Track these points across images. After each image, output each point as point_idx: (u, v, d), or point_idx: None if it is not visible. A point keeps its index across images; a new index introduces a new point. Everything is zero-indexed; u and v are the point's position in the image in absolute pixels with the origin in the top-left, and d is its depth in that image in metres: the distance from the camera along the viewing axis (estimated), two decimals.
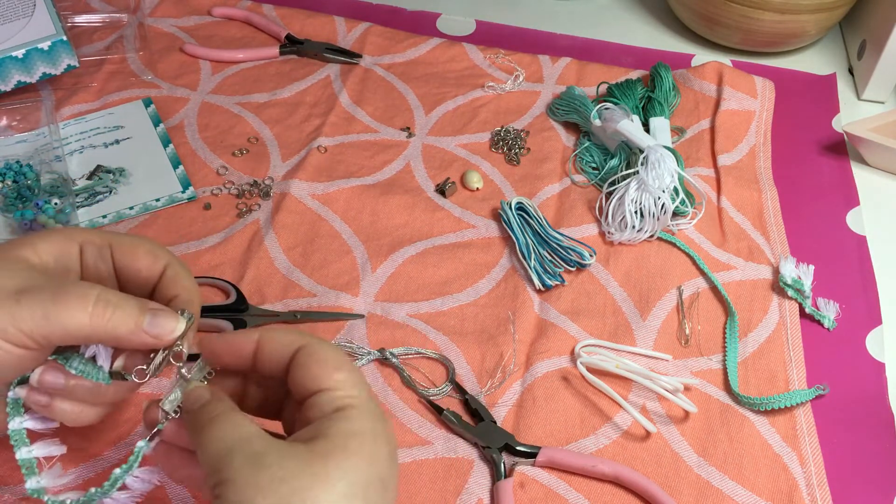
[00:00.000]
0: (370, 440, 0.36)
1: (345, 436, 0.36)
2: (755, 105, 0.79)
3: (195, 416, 0.38)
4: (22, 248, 0.41)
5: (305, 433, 0.37)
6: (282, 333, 0.40)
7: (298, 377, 0.38)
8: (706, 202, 0.70)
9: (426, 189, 0.71)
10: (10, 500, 0.50)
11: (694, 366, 0.60)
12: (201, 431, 0.37)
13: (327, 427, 0.36)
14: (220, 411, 0.38)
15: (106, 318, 0.38)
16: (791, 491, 0.53)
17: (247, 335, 0.40)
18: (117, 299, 0.39)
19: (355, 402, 0.37)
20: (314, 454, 0.35)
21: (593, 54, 0.87)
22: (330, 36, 0.86)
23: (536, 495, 0.52)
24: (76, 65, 0.75)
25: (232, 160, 0.73)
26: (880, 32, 0.80)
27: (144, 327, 0.39)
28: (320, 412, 0.37)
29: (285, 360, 0.39)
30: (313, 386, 0.38)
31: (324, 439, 0.36)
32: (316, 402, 0.37)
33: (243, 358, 0.40)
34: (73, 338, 0.39)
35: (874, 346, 0.62)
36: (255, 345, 0.40)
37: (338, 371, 0.38)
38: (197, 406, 0.39)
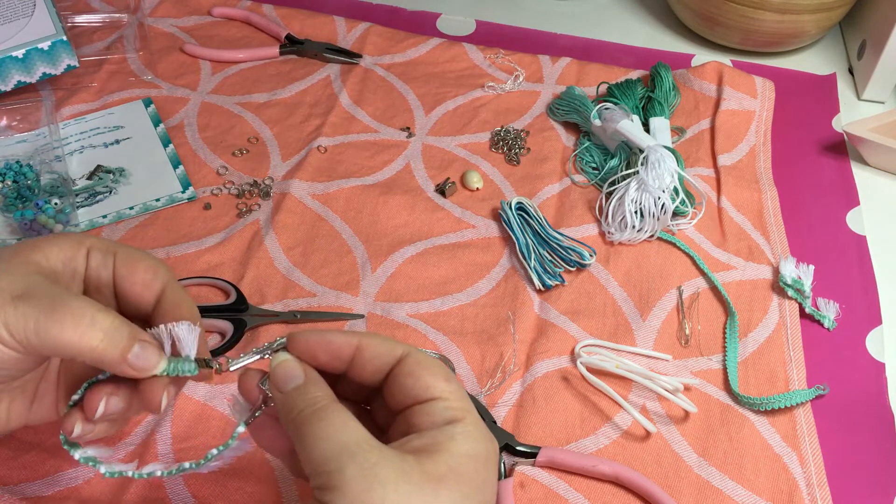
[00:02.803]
0: (483, 465, 0.36)
1: (461, 457, 0.35)
2: (755, 105, 0.79)
3: (292, 402, 0.37)
4: (31, 251, 0.40)
5: (415, 441, 0.36)
6: (382, 340, 0.39)
7: (406, 385, 0.37)
8: (706, 202, 0.70)
9: (426, 189, 0.71)
10: (11, 500, 0.50)
11: (694, 366, 0.60)
12: (303, 425, 0.35)
13: (442, 441, 0.35)
14: (323, 403, 0.36)
15: (94, 344, 0.37)
16: (791, 491, 0.53)
17: (346, 337, 0.39)
18: (109, 325, 0.38)
19: (467, 415, 0.37)
20: (428, 477, 0.34)
21: (593, 54, 0.87)
22: (330, 36, 0.86)
23: (536, 495, 0.52)
24: (76, 65, 0.75)
25: (232, 160, 0.73)
26: (880, 32, 0.80)
27: (129, 359, 0.38)
28: (431, 421, 0.36)
29: (387, 367, 0.38)
30: (424, 394, 0.37)
31: (438, 457, 0.35)
32: (426, 410, 0.37)
33: (340, 360, 0.39)
34: (60, 354, 0.38)
35: (874, 346, 0.62)
36: (355, 349, 0.39)
37: (448, 382, 0.37)
38: (290, 387, 0.37)
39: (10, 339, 0.37)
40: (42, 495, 0.51)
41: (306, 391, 0.37)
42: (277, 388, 0.38)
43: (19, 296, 0.37)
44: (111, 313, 0.38)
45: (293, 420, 0.36)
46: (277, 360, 0.38)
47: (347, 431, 0.35)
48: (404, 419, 0.38)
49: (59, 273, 0.41)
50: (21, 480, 0.51)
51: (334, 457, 0.34)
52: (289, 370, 0.38)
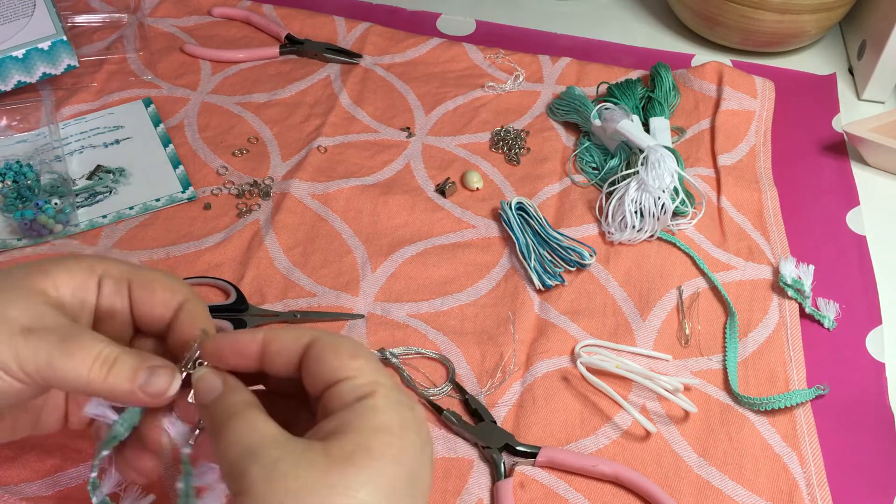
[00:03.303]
0: (398, 435, 0.34)
1: (370, 432, 0.34)
2: (755, 105, 0.79)
3: (211, 412, 0.36)
4: (41, 279, 0.39)
5: (325, 426, 0.35)
6: (288, 331, 0.38)
7: (315, 371, 0.37)
8: (706, 202, 0.70)
9: (426, 189, 0.71)
10: (10, 500, 0.50)
11: (694, 366, 0.60)
12: (219, 433, 0.35)
13: (350, 419, 0.34)
14: (236, 409, 0.36)
15: (103, 378, 0.37)
16: (791, 491, 0.53)
17: (251, 334, 0.38)
18: (116, 357, 0.37)
19: (379, 388, 0.35)
20: (332, 460, 0.33)
21: (593, 54, 0.87)
22: (330, 36, 0.86)
23: (536, 495, 0.52)
24: (76, 65, 0.75)
25: (232, 160, 0.73)
26: (880, 32, 0.80)
27: (139, 387, 0.37)
28: (341, 402, 0.35)
29: (296, 356, 0.38)
30: (332, 377, 0.36)
31: (345, 437, 0.33)
32: (336, 392, 0.35)
33: (249, 358, 0.38)
34: (71, 387, 0.37)
35: (874, 346, 0.62)
36: (261, 344, 0.38)
37: (355, 359, 0.36)
38: (210, 399, 0.37)
39: (20, 372, 0.37)
40: (42, 495, 0.51)
41: (223, 400, 0.37)
42: (201, 403, 0.37)
43: (29, 329, 0.37)
44: (116, 346, 0.38)
45: (213, 430, 0.36)
46: (196, 374, 0.38)
47: (253, 433, 0.34)
48: (321, 406, 0.36)
49: (67, 303, 0.40)
50: (21, 480, 0.51)
51: (239, 460, 0.33)
52: (207, 382, 0.38)
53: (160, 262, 0.64)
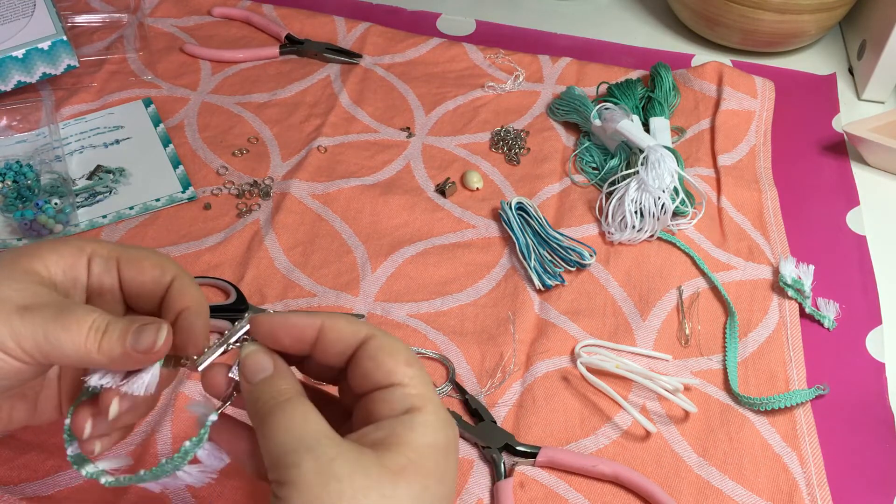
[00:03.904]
0: (443, 456, 0.35)
1: (421, 449, 0.34)
2: (755, 105, 0.79)
3: (258, 394, 0.36)
4: (31, 260, 0.40)
5: (374, 433, 0.35)
6: (347, 321, 0.38)
7: (367, 369, 0.36)
8: (706, 202, 0.70)
9: (426, 189, 0.71)
10: (10, 500, 0.50)
11: (694, 366, 0.60)
12: (266, 417, 0.35)
13: (401, 433, 0.34)
14: (287, 396, 0.35)
15: (97, 345, 0.37)
16: (791, 491, 0.53)
17: (309, 318, 0.38)
18: (107, 324, 0.38)
19: (428, 404, 0.35)
20: (385, 471, 0.33)
21: (593, 54, 0.87)
22: (330, 36, 0.86)
23: (536, 495, 0.52)
24: (76, 65, 0.75)
25: (232, 160, 0.73)
26: (880, 32, 0.80)
27: (129, 347, 0.38)
28: (390, 410, 0.35)
29: (350, 349, 0.37)
30: (384, 380, 0.36)
31: (397, 449, 0.34)
32: (386, 397, 0.36)
33: (303, 342, 0.38)
34: (70, 360, 0.38)
35: (874, 346, 0.62)
36: (318, 330, 0.38)
37: (409, 366, 0.36)
38: (257, 379, 0.37)
39: (17, 349, 0.37)
40: (42, 495, 0.51)
41: (272, 383, 0.36)
42: (246, 380, 0.37)
43: (25, 306, 0.37)
44: (106, 315, 0.38)
45: (258, 411, 0.36)
46: (246, 350, 0.38)
47: (307, 425, 0.34)
48: (365, 405, 0.37)
49: (59, 282, 0.41)
50: (21, 480, 0.51)
51: (292, 450, 0.33)
52: (258, 362, 0.37)
53: None
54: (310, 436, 0.34)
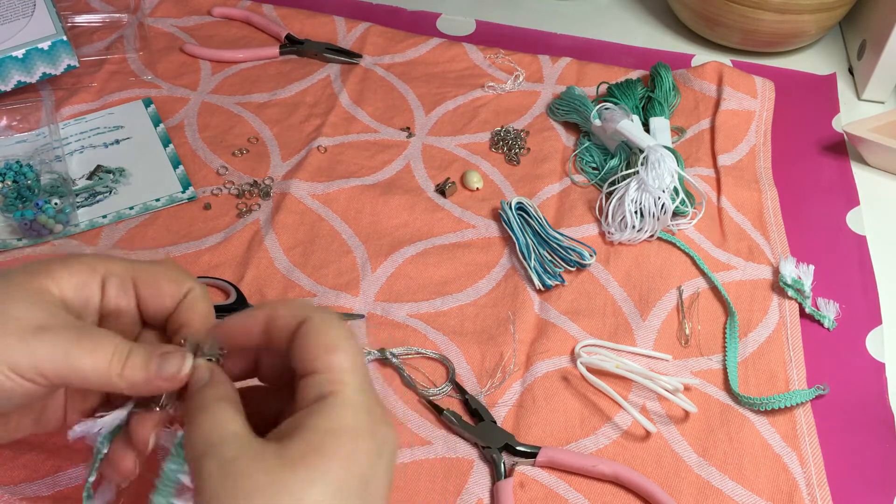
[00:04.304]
0: (349, 439, 0.33)
1: (322, 434, 0.33)
2: (755, 105, 0.79)
3: (190, 402, 0.36)
4: (43, 279, 0.39)
5: (285, 426, 0.34)
6: (288, 307, 0.37)
7: (296, 355, 0.36)
8: (706, 202, 0.70)
9: (426, 189, 0.71)
10: (10, 500, 0.50)
11: (694, 366, 0.60)
12: (188, 425, 0.35)
13: (305, 421, 0.34)
14: (206, 403, 0.35)
15: (120, 371, 0.37)
16: (791, 491, 0.53)
17: (254, 314, 0.38)
18: (130, 349, 0.38)
19: (341, 389, 0.34)
20: (284, 461, 0.32)
21: (593, 54, 0.87)
22: (330, 36, 0.86)
23: (536, 495, 0.52)
24: (76, 65, 0.75)
25: (232, 160, 0.73)
26: (880, 32, 0.80)
27: (154, 373, 0.37)
28: (304, 399, 0.35)
29: (289, 335, 0.37)
30: (306, 367, 0.35)
31: (299, 438, 0.33)
32: (304, 385, 0.35)
33: (254, 336, 0.38)
34: (87, 383, 0.37)
35: (874, 346, 0.62)
36: (264, 320, 0.38)
37: (330, 352, 0.35)
38: (196, 388, 0.37)
39: (32, 371, 0.36)
40: (42, 495, 0.51)
41: (203, 391, 0.36)
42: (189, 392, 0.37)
43: (41, 327, 0.37)
44: (127, 341, 0.38)
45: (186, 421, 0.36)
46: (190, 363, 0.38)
47: (216, 429, 0.34)
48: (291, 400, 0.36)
49: (69, 301, 0.40)
50: (21, 480, 0.51)
51: (199, 455, 0.33)
52: (200, 373, 0.38)
53: None
54: (215, 439, 0.34)
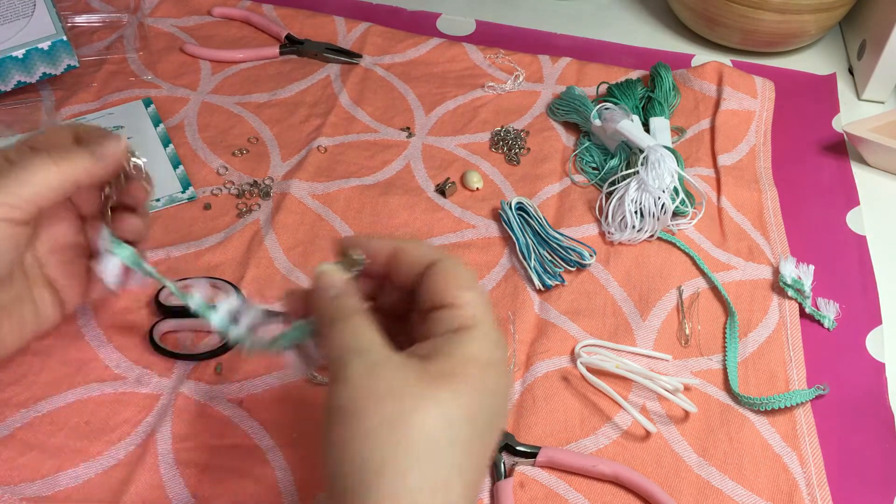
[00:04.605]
0: (485, 370, 0.37)
1: (462, 359, 0.36)
2: (755, 105, 0.79)
3: (326, 307, 0.40)
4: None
5: (424, 347, 0.37)
6: (418, 245, 0.41)
7: (427, 289, 0.39)
8: (706, 202, 0.70)
9: (426, 189, 0.71)
10: (11, 500, 0.50)
11: (694, 366, 0.60)
12: (329, 325, 0.39)
13: (446, 346, 0.37)
14: (348, 311, 0.39)
15: (68, 162, 0.44)
16: (791, 491, 0.53)
17: (385, 242, 0.42)
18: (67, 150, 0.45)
19: (478, 323, 0.38)
20: (427, 374, 0.35)
21: (593, 54, 0.87)
22: (330, 36, 0.86)
23: (536, 495, 0.52)
24: (76, 65, 0.75)
25: (232, 160, 0.73)
26: (880, 32, 0.80)
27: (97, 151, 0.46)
28: (442, 328, 0.38)
29: (417, 272, 0.40)
30: (439, 300, 0.39)
31: (440, 359, 0.36)
32: (440, 316, 0.38)
33: (378, 264, 0.42)
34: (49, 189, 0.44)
35: (874, 346, 0.62)
36: (391, 253, 0.41)
37: (466, 290, 0.39)
38: (326, 294, 0.40)
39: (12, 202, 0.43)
40: (42, 495, 0.51)
41: (340, 299, 0.40)
42: (318, 294, 0.40)
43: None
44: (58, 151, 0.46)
45: (325, 320, 0.39)
46: (322, 267, 0.41)
47: (361, 335, 0.38)
48: (424, 326, 0.39)
49: None
50: (21, 480, 0.51)
51: (345, 352, 0.37)
52: (331, 280, 0.41)
53: (160, 262, 0.64)
54: (363, 342, 0.37)
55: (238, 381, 0.57)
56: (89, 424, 0.54)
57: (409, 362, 0.36)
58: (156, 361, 0.58)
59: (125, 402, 0.56)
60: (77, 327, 0.59)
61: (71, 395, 0.56)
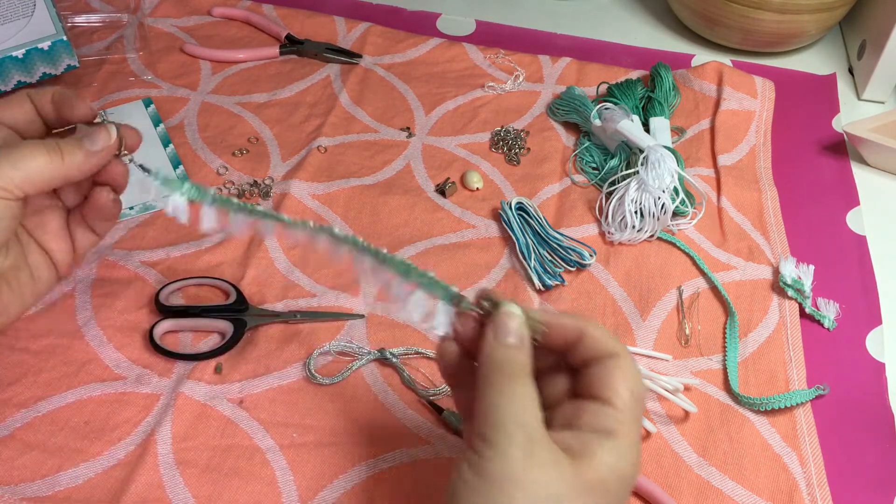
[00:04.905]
0: (622, 483, 0.37)
1: (608, 470, 0.37)
2: (755, 105, 0.79)
3: (503, 355, 0.39)
4: None
5: (571, 440, 0.37)
6: (604, 334, 0.40)
7: (596, 377, 0.39)
8: (706, 202, 0.70)
9: (426, 189, 0.71)
10: (11, 500, 0.50)
11: (694, 366, 0.60)
12: (500, 378, 0.38)
13: (597, 452, 0.37)
14: (519, 370, 0.38)
15: (60, 157, 0.45)
16: (791, 491, 0.53)
17: (574, 322, 0.40)
18: (58, 142, 0.45)
19: (628, 433, 0.38)
20: (579, 480, 0.36)
21: (593, 54, 0.87)
22: (330, 36, 0.86)
23: None
24: (76, 65, 0.75)
25: (232, 160, 0.73)
26: (880, 32, 0.80)
27: (88, 149, 0.46)
28: (593, 424, 0.38)
29: (593, 357, 0.39)
30: (601, 394, 0.38)
31: (590, 465, 0.36)
32: (594, 409, 0.38)
33: (558, 342, 0.40)
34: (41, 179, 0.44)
35: (874, 346, 0.62)
36: (577, 336, 0.40)
37: (629, 393, 0.38)
38: (505, 338, 0.39)
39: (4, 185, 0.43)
40: (42, 495, 0.51)
41: (518, 353, 0.39)
42: (496, 335, 0.39)
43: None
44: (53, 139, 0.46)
45: (495, 369, 0.38)
46: (512, 310, 0.40)
47: (528, 407, 0.37)
48: (574, 407, 0.39)
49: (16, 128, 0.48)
50: (21, 480, 0.51)
51: (510, 420, 0.36)
52: (516, 328, 0.39)
53: (160, 262, 0.64)
54: (527, 416, 0.37)
55: (238, 381, 0.57)
56: (89, 424, 0.54)
57: (562, 458, 0.36)
58: (156, 361, 0.58)
59: (125, 402, 0.56)
60: (77, 327, 0.59)
61: (71, 395, 0.56)
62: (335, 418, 0.56)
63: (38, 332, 0.59)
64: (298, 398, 0.56)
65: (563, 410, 0.40)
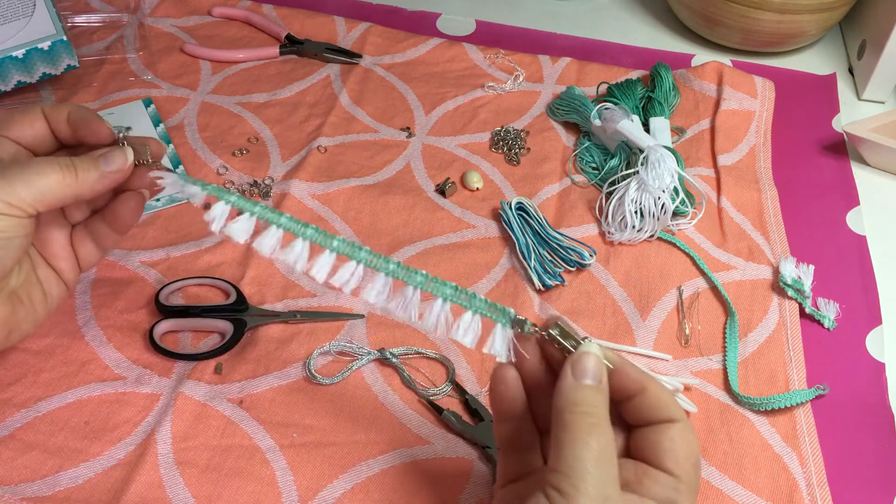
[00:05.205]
0: None
1: None
2: (755, 105, 0.79)
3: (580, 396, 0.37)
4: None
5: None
6: (667, 396, 0.39)
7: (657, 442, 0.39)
8: (706, 202, 0.70)
9: (426, 189, 0.71)
10: (11, 500, 0.50)
11: (694, 366, 0.60)
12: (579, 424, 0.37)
13: None
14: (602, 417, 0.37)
15: (74, 176, 0.45)
16: (791, 491, 0.53)
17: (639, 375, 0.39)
18: (72, 160, 0.45)
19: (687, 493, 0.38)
20: None
21: (593, 54, 0.87)
22: (330, 36, 0.86)
23: None
24: (76, 65, 0.75)
25: (232, 160, 0.73)
26: (880, 32, 0.80)
27: (103, 170, 0.46)
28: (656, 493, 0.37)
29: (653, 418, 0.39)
30: (663, 463, 0.38)
31: None
32: (655, 477, 0.38)
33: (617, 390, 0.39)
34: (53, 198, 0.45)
35: (874, 346, 0.62)
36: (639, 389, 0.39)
37: (689, 462, 0.38)
38: (584, 382, 0.38)
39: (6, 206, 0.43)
40: (42, 495, 0.51)
41: (597, 395, 0.38)
42: (574, 374, 0.38)
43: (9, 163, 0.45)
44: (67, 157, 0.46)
45: (570, 410, 0.37)
46: (592, 349, 0.39)
47: (611, 459, 0.36)
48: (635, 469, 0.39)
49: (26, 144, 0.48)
50: (21, 480, 0.51)
51: (592, 472, 0.35)
52: (596, 369, 0.38)
53: (160, 262, 0.64)
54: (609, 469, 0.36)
55: (238, 381, 0.57)
56: (89, 424, 0.54)
57: None
58: (156, 361, 0.58)
59: (125, 402, 0.56)
60: (77, 327, 0.59)
61: (71, 395, 0.56)
62: (335, 418, 0.56)
63: (38, 332, 0.59)
64: (298, 398, 0.56)
65: (623, 470, 0.39)
